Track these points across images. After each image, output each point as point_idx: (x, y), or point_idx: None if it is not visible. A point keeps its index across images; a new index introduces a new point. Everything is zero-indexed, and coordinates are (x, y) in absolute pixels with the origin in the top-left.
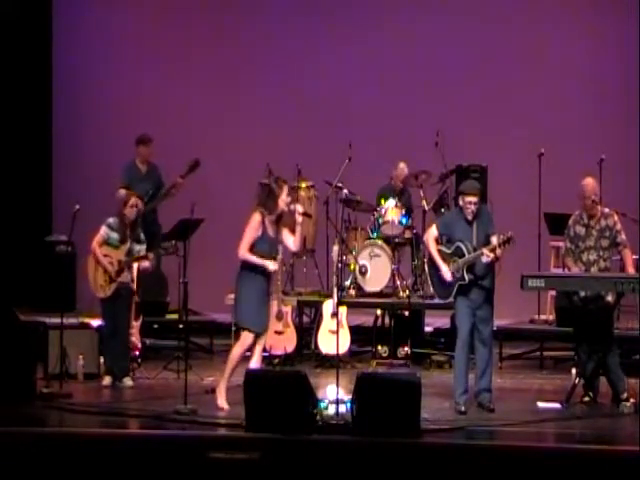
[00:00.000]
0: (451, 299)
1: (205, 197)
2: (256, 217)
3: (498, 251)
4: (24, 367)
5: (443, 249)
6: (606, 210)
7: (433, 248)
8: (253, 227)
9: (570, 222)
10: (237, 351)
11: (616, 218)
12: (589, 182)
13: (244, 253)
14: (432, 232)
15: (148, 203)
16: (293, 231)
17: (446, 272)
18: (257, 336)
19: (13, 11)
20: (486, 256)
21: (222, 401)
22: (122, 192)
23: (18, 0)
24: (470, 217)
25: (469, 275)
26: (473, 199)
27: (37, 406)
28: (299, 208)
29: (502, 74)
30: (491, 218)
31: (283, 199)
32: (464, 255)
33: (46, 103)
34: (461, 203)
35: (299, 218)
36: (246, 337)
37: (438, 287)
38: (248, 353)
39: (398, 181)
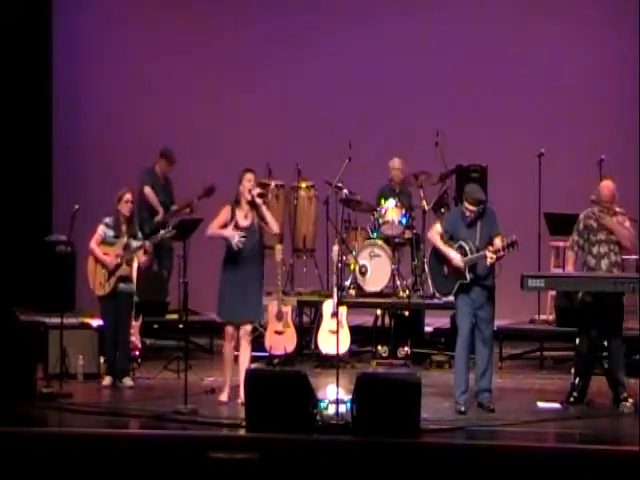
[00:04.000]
0: (451, 297)
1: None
2: (224, 208)
3: (501, 254)
4: (24, 367)
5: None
6: (618, 210)
7: (439, 241)
8: (219, 215)
9: (581, 216)
10: (224, 347)
11: (628, 223)
12: (607, 185)
13: (208, 231)
14: (436, 228)
15: (165, 214)
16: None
17: (455, 255)
18: (233, 326)
19: (13, 12)
20: (489, 258)
21: (223, 395)
22: (147, 189)
23: (18, 1)
24: (468, 221)
25: (470, 274)
26: (472, 208)
27: (37, 406)
28: (254, 191)
29: (502, 74)
30: (496, 218)
31: (245, 186)
32: (467, 254)
33: (46, 103)
34: (464, 204)
35: (257, 200)
36: (225, 330)
37: (439, 283)
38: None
39: (396, 176)
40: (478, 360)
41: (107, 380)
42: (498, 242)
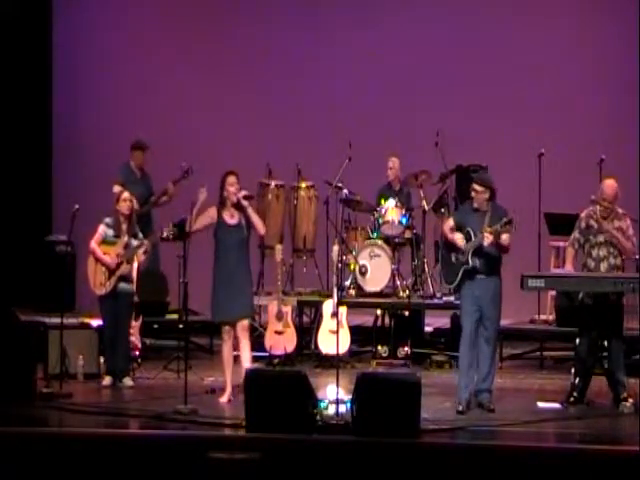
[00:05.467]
0: (451, 298)
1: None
2: (210, 209)
3: (505, 237)
4: (24, 367)
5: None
6: (620, 211)
7: (447, 230)
8: (204, 214)
9: (583, 215)
10: (223, 348)
11: (629, 222)
12: (611, 185)
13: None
14: (449, 222)
15: (142, 206)
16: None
17: (460, 238)
18: (229, 325)
19: (13, 11)
20: (486, 237)
21: (224, 396)
22: (116, 188)
23: (18, 1)
24: (476, 205)
25: (474, 260)
26: (477, 187)
27: (37, 406)
28: (240, 194)
29: (502, 74)
30: (506, 214)
31: (229, 190)
32: (471, 239)
33: (46, 103)
34: (472, 186)
35: (244, 202)
36: (222, 330)
37: (447, 271)
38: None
39: (391, 174)
40: (480, 360)
41: (107, 380)
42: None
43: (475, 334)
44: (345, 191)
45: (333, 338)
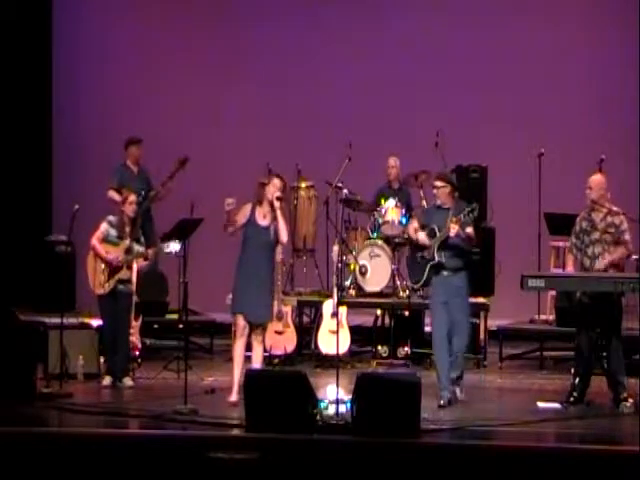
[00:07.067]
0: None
1: (205, 197)
2: (245, 205)
3: (469, 229)
4: (24, 367)
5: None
6: (614, 208)
7: (412, 231)
8: (241, 213)
9: (577, 219)
10: (235, 345)
11: (622, 218)
12: (597, 178)
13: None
14: (413, 223)
15: (142, 203)
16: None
17: (425, 236)
18: (244, 321)
19: (13, 11)
20: (452, 228)
21: (233, 396)
22: (111, 193)
23: (18, 1)
24: (439, 201)
25: (439, 255)
26: (437, 183)
27: (37, 406)
28: (276, 194)
29: (502, 74)
30: (466, 207)
31: (269, 190)
32: (436, 236)
33: (46, 103)
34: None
35: (276, 203)
36: (237, 325)
37: (414, 270)
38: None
39: (391, 174)
40: (453, 347)
41: (107, 380)
42: (469, 229)
43: (448, 333)
44: (345, 191)
45: (333, 338)
